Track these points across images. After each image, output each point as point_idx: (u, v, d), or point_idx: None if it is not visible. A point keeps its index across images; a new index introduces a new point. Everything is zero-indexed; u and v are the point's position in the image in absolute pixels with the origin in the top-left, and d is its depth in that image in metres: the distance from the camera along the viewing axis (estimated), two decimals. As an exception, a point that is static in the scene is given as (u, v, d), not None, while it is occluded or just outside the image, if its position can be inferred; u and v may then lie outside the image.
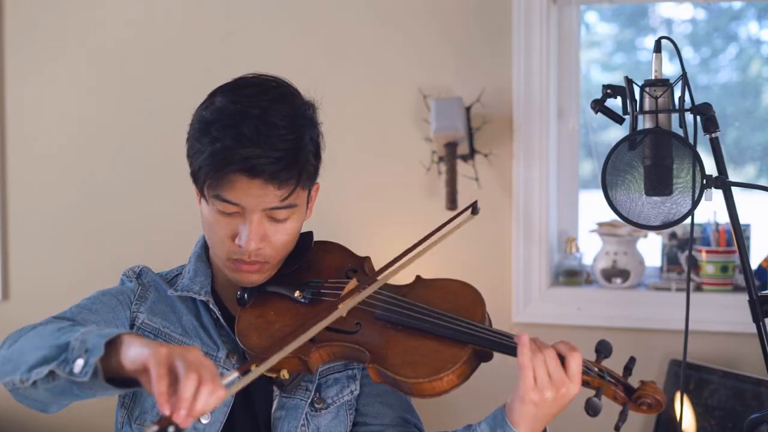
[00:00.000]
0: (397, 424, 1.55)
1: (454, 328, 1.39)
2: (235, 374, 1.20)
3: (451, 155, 2.60)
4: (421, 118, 2.71)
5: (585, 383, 1.36)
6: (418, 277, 1.53)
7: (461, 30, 2.69)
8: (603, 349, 1.39)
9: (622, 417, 1.33)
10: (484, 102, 2.66)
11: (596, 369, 1.37)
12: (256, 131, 1.37)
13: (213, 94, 1.48)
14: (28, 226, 3.05)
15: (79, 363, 1.19)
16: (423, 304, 1.44)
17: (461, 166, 2.66)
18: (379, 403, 1.55)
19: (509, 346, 1.36)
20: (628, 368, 1.39)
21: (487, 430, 1.39)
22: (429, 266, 1.62)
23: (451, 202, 2.61)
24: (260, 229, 1.43)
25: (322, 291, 1.51)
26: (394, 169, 2.74)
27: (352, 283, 1.49)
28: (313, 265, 1.57)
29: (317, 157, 1.48)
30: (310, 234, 1.60)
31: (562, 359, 1.34)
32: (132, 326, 1.53)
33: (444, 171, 2.64)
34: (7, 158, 3.05)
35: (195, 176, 1.45)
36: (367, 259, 1.58)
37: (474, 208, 1.56)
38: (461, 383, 1.38)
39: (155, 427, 1.07)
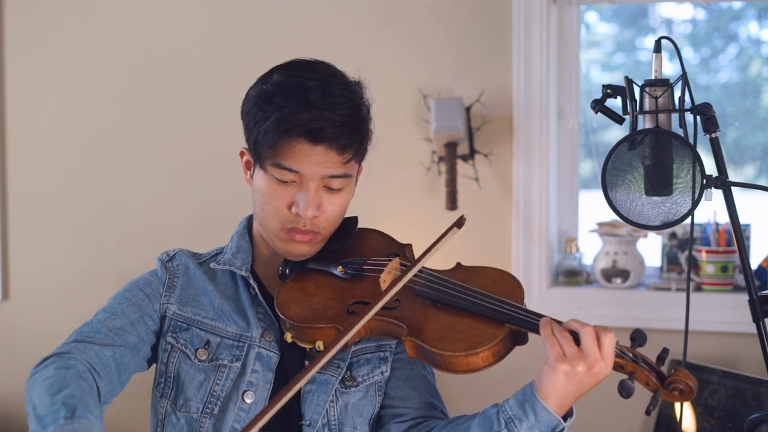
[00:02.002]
0: (423, 407, 1.56)
1: (492, 307, 1.41)
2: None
3: (451, 155, 2.60)
4: (421, 118, 2.71)
5: (619, 367, 1.38)
6: (458, 264, 1.57)
7: (461, 30, 2.69)
8: (638, 337, 1.41)
9: (654, 401, 1.34)
10: (484, 102, 2.66)
11: (631, 354, 1.38)
12: (321, 98, 1.44)
13: (268, 74, 1.53)
14: (28, 226, 3.05)
15: None
16: (463, 283, 1.47)
17: (461, 166, 2.66)
18: (409, 387, 1.57)
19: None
20: (662, 358, 1.40)
21: (515, 405, 1.39)
22: (429, 265, 1.62)
23: (451, 202, 2.61)
24: (317, 197, 1.49)
25: (364, 267, 1.55)
26: (394, 169, 2.74)
27: (395, 261, 1.52)
28: (356, 247, 1.61)
29: (370, 132, 1.55)
30: (355, 218, 1.65)
31: (597, 339, 1.35)
32: (163, 317, 1.57)
33: (444, 171, 2.64)
34: (7, 158, 3.05)
35: (255, 145, 1.49)
36: (408, 246, 1.62)
37: (459, 223, 1.58)
38: (495, 362, 1.39)
39: None
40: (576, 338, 1.35)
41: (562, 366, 1.33)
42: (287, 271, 1.55)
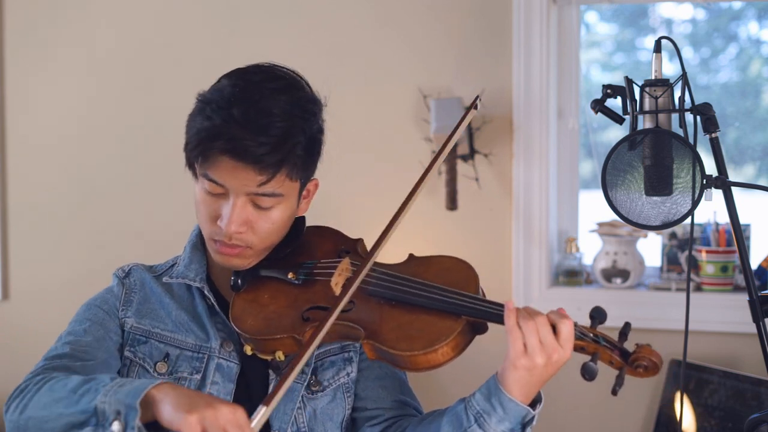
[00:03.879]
0: (395, 407, 1.55)
1: (446, 300, 1.39)
2: (263, 409, 1.26)
3: (451, 155, 2.60)
4: (421, 118, 2.71)
5: (580, 348, 1.36)
6: (411, 255, 1.54)
7: (461, 30, 2.69)
8: (597, 315, 1.39)
9: (619, 381, 1.33)
10: (484, 102, 2.66)
11: (591, 334, 1.37)
12: (245, 115, 1.40)
13: (223, 76, 1.51)
14: (28, 226, 3.05)
15: (117, 427, 1.23)
16: (416, 278, 1.45)
17: (461, 166, 2.66)
18: (378, 387, 1.56)
19: (502, 315, 1.36)
20: (624, 333, 1.39)
21: (482, 399, 1.38)
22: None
23: (451, 201, 2.61)
24: (243, 213, 1.45)
25: (315, 271, 1.52)
26: (394, 169, 2.74)
27: (345, 262, 1.50)
28: (306, 248, 1.58)
29: (310, 151, 1.48)
30: (302, 219, 1.61)
31: (554, 327, 1.34)
32: (122, 331, 1.54)
33: (444, 171, 2.64)
34: (6, 158, 3.05)
35: (185, 152, 1.48)
36: (359, 240, 1.59)
37: (476, 105, 1.57)
38: (456, 356, 1.38)
39: None
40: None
41: (522, 361, 1.33)
42: (239, 281, 1.52)
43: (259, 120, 1.40)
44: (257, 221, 1.47)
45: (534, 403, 1.39)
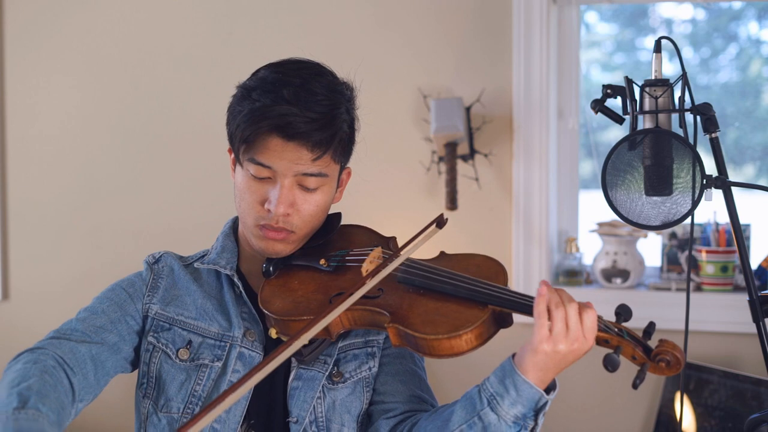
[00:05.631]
0: (411, 401, 1.55)
1: (473, 288, 1.41)
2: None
3: (451, 155, 2.60)
4: (421, 118, 2.71)
5: (604, 341, 1.37)
6: (442, 252, 1.57)
7: (461, 30, 2.69)
8: (623, 312, 1.41)
9: (641, 375, 1.33)
10: (484, 102, 2.66)
11: (616, 328, 1.38)
12: (295, 94, 1.45)
13: (257, 70, 1.55)
14: (28, 226, 3.05)
15: None
16: (446, 269, 1.47)
17: (461, 166, 2.66)
18: (397, 382, 1.57)
19: (529, 306, 1.36)
20: (648, 332, 1.40)
21: (496, 382, 1.38)
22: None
23: (451, 201, 2.61)
24: (290, 195, 1.48)
25: (346, 259, 1.54)
26: (394, 169, 2.74)
27: (377, 250, 1.52)
28: (339, 241, 1.60)
29: (351, 130, 1.54)
30: (339, 214, 1.65)
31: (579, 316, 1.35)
32: (146, 317, 1.57)
33: (444, 171, 2.64)
34: (7, 158, 3.05)
35: (232, 139, 1.51)
36: (393, 238, 1.61)
37: (440, 222, 1.57)
38: (479, 345, 1.38)
39: None
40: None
41: (544, 346, 1.33)
42: (271, 268, 1.55)
43: (308, 98, 1.45)
44: (302, 204, 1.50)
45: (548, 390, 1.38)
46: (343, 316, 1.44)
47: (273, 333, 1.49)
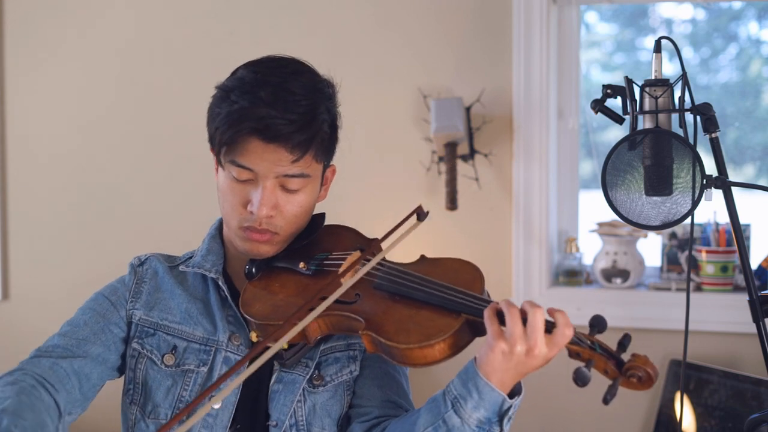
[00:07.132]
0: (386, 406, 1.54)
1: (447, 297, 1.39)
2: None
3: (451, 155, 2.60)
4: (421, 118, 2.71)
5: (576, 354, 1.33)
6: (422, 256, 1.55)
7: (461, 30, 2.69)
8: (597, 324, 1.36)
9: (612, 391, 1.28)
10: (484, 102, 2.66)
11: (588, 341, 1.34)
12: (273, 95, 1.43)
13: (236, 69, 1.53)
14: (28, 227, 3.05)
15: None
16: (422, 275, 1.45)
17: (461, 166, 2.66)
18: (375, 386, 1.55)
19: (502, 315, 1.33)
20: (622, 344, 1.35)
21: (459, 384, 1.35)
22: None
23: (451, 201, 2.61)
24: (272, 197, 1.47)
25: (325, 263, 1.53)
26: (394, 169, 2.74)
27: (355, 254, 1.51)
28: (322, 243, 1.59)
29: (333, 129, 1.52)
30: (322, 215, 1.64)
31: (551, 325, 1.31)
32: (130, 324, 1.56)
33: (444, 171, 2.64)
34: (7, 158, 3.05)
35: (212, 141, 1.51)
36: (375, 240, 1.59)
37: (420, 214, 1.55)
38: (453, 354, 1.36)
39: None
40: (524, 320, 1.30)
41: (500, 344, 1.28)
42: (253, 269, 1.55)
43: (286, 98, 1.43)
44: (285, 205, 1.49)
45: (513, 395, 1.35)
46: (320, 321, 1.43)
47: (253, 336, 1.49)
